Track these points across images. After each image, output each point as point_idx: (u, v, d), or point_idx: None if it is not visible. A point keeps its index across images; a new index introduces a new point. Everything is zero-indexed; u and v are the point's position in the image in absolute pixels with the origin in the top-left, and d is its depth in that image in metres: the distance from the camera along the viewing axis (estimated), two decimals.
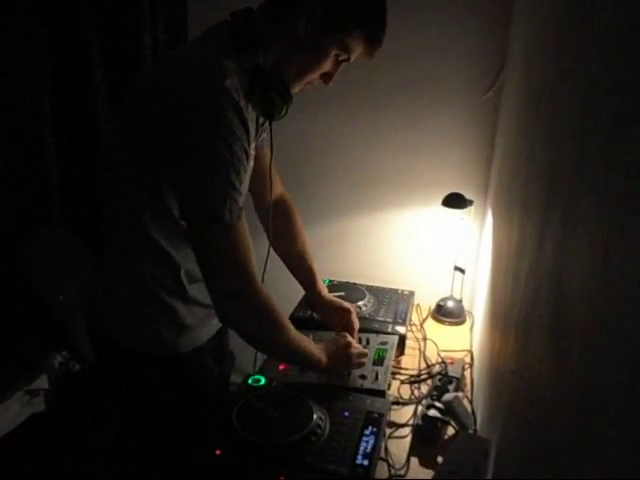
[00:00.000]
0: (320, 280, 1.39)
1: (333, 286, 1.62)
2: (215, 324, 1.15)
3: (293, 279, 1.40)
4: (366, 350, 1.25)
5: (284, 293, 1.43)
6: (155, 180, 0.94)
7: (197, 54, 0.93)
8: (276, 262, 1.31)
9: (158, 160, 0.91)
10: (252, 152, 1.03)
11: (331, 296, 1.39)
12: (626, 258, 0.41)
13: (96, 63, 1.82)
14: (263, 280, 1.21)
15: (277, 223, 1.28)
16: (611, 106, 0.49)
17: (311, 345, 1.12)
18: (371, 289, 1.63)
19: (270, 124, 1.04)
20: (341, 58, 1.00)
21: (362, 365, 1.21)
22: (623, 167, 0.43)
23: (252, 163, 1.09)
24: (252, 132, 0.98)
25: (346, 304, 1.37)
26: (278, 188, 1.34)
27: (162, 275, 1.02)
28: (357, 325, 1.34)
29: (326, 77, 1.04)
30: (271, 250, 1.22)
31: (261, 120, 1.07)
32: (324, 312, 1.37)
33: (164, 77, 0.91)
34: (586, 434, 0.47)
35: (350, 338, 1.24)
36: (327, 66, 1.00)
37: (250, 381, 1.15)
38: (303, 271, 1.37)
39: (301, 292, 1.46)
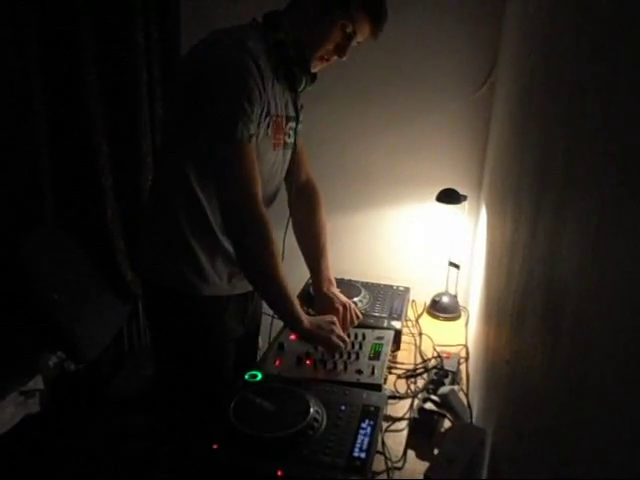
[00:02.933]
0: (326, 273, 1.40)
1: None
2: (239, 286, 1.27)
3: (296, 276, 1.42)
4: (346, 338, 1.24)
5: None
6: (197, 131, 1.09)
7: (227, 31, 1.13)
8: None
9: (195, 107, 1.07)
10: (277, 110, 1.18)
11: (333, 292, 1.39)
12: (616, 244, 0.41)
13: (89, 63, 1.82)
14: (283, 254, 1.28)
15: (300, 208, 1.39)
16: (602, 98, 0.49)
17: (298, 304, 1.19)
18: (367, 285, 1.64)
19: (295, 96, 1.23)
20: (347, 30, 1.14)
21: (338, 348, 1.21)
22: (613, 157, 0.44)
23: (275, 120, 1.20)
24: (279, 98, 1.18)
25: (343, 299, 1.37)
26: (305, 169, 1.44)
27: (195, 227, 1.17)
28: (351, 321, 1.35)
29: (339, 51, 1.17)
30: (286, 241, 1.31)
31: (299, 104, 1.28)
32: (320, 306, 1.38)
33: (200, 47, 1.12)
34: (581, 420, 0.47)
35: (336, 321, 1.26)
36: (336, 36, 1.14)
37: (247, 376, 1.15)
38: (311, 258, 1.42)
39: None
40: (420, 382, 1.31)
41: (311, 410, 1.01)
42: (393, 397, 1.24)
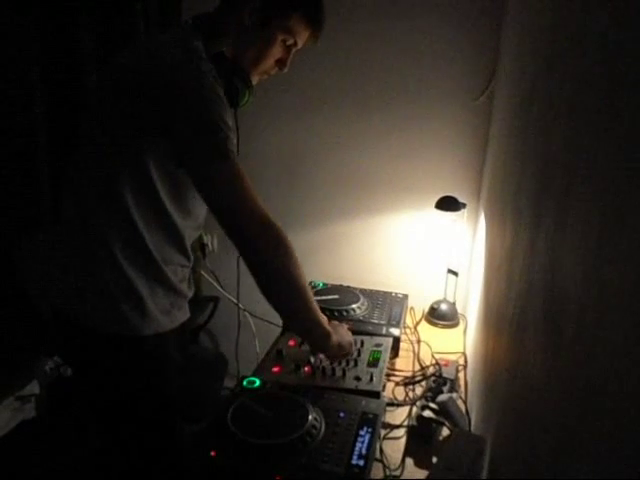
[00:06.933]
0: None
1: (327, 289, 1.63)
2: (179, 316, 1.16)
3: None
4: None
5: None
6: (140, 157, 0.99)
7: (174, 39, 1.03)
8: None
9: (154, 130, 0.98)
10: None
11: None
12: (618, 251, 0.41)
13: (89, 65, 1.82)
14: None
15: None
16: (603, 106, 0.49)
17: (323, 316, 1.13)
18: (365, 292, 1.64)
19: (235, 112, 1.12)
20: (288, 43, 1.11)
21: (343, 357, 1.22)
22: (615, 164, 0.44)
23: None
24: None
25: None
26: None
27: (133, 256, 1.04)
28: None
29: (280, 64, 1.14)
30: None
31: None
32: None
33: (150, 59, 1.00)
34: (581, 428, 0.47)
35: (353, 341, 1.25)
36: (277, 52, 1.11)
37: (245, 383, 1.15)
38: None
39: None
40: (418, 389, 1.31)
41: (309, 417, 1.00)
42: (391, 404, 1.24)
